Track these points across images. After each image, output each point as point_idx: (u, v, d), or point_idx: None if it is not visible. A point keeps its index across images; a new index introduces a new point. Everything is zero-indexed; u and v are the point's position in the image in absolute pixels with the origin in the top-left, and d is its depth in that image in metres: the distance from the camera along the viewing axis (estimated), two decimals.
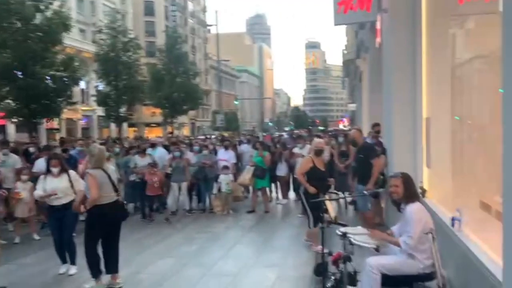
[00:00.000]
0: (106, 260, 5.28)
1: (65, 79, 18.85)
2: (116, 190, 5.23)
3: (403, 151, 6.93)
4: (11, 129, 25.02)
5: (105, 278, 5.26)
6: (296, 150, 9.94)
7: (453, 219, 4.48)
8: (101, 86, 30.07)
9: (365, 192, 5.11)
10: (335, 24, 7.84)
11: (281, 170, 10.51)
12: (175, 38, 38.04)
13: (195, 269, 5.89)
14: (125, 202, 5.87)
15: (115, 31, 29.40)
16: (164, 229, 8.45)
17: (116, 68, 28.50)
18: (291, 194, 11.21)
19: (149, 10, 52.70)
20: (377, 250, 4.14)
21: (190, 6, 62.30)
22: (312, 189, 6.23)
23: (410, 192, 4.14)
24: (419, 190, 5.89)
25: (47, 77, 17.90)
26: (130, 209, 9.37)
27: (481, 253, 3.70)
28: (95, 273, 5.16)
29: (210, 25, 61.80)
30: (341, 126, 66.53)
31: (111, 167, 5.66)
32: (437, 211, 5.41)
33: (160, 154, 10.24)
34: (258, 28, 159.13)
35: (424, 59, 6.65)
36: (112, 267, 5.30)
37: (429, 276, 4.02)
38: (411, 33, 6.94)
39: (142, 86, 30.67)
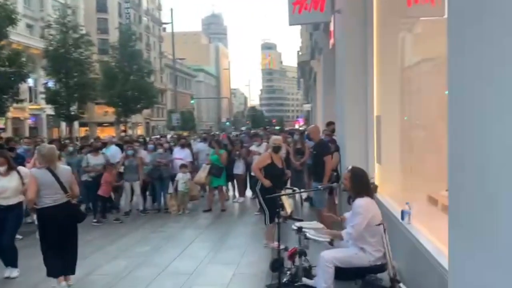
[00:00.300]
0: (62, 261, 5.05)
1: (11, 75, 17.91)
2: (66, 191, 5.01)
3: (355, 148, 7.13)
4: None
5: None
6: (253, 148, 9.99)
7: (402, 212, 4.65)
8: (51, 84, 28.81)
9: (319, 187, 5.21)
10: (290, 24, 7.94)
11: (239, 168, 10.52)
12: (129, 35, 37.12)
13: (149, 269, 5.78)
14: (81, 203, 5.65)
15: (65, 26, 28.28)
16: (117, 230, 8.22)
17: (66, 65, 27.41)
18: (248, 192, 11.25)
19: (102, 7, 51.10)
20: (331, 243, 4.25)
21: (145, 3, 60.99)
22: (267, 182, 6.31)
23: (357, 186, 4.28)
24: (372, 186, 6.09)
25: None
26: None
27: (429, 244, 3.86)
28: (54, 273, 4.96)
29: (166, 23, 60.79)
30: (296, 127, 67.50)
31: (65, 167, 5.44)
32: (387, 205, 5.61)
33: (112, 152, 9.96)
34: (214, 28, 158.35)
35: (375, 59, 6.88)
36: (68, 269, 5.09)
37: (380, 268, 4.16)
38: (363, 35, 7.15)
39: (94, 84, 29.69)
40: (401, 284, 2.99)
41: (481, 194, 2.04)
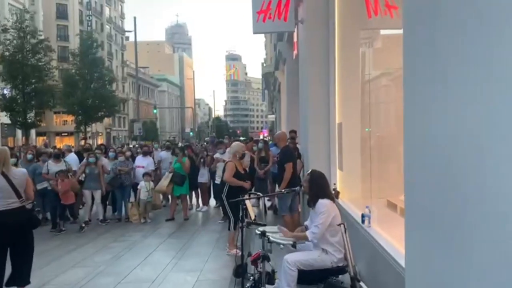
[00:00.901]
0: (14, 271, 4.78)
1: None
2: (19, 197, 4.77)
3: (318, 155, 7.25)
4: None
5: None
6: (217, 155, 9.95)
7: (363, 216, 4.77)
8: (6, 90, 27.67)
9: (283, 190, 5.27)
10: (254, 32, 8.02)
11: (203, 176, 10.43)
12: (90, 42, 36.32)
13: (109, 278, 5.61)
14: (37, 209, 5.36)
15: (23, 31, 27.35)
16: (75, 239, 7.95)
17: (23, 70, 26.45)
18: (212, 202, 11.18)
19: (62, 14, 49.90)
20: (293, 246, 4.28)
21: (107, 11, 60.02)
22: (248, 184, 6.54)
23: (316, 189, 4.36)
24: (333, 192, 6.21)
25: None
26: None
27: (388, 245, 3.98)
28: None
29: (129, 31, 60.01)
30: (261, 137, 67.81)
31: (20, 169, 5.21)
32: (349, 210, 5.74)
33: (70, 160, 9.68)
34: (178, 38, 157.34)
35: (337, 68, 7.07)
36: (21, 280, 4.80)
37: (342, 270, 4.24)
38: (326, 44, 7.34)
39: (53, 91, 28.76)
40: (361, 283, 3.06)
41: (434, 192, 2.14)
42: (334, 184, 6.75)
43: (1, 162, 4.69)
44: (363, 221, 4.76)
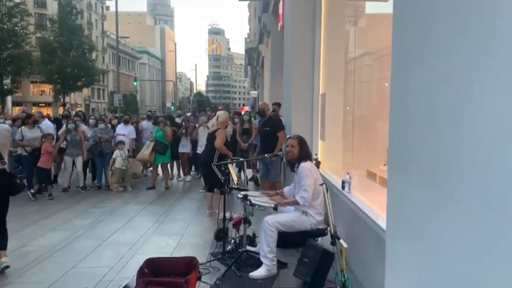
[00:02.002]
0: None
1: None
2: (1, 158, 4.52)
3: (301, 126, 7.30)
4: None
5: None
6: (202, 118, 9.88)
7: (343, 182, 4.86)
8: None
9: (266, 155, 5.31)
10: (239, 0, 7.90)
11: (185, 146, 10.37)
12: (69, 8, 35.10)
13: (89, 241, 5.61)
14: (21, 175, 5.17)
15: None
16: (54, 204, 7.88)
17: None
18: (193, 172, 11.20)
19: None
20: (275, 209, 4.35)
21: None
22: (230, 154, 6.61)
23: (304, 152, 4.44)
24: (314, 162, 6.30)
25: None
26: None
27: (368, 209, 4.08)
28: None
29: (109, 0, 58.15)
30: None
31: (5, 126, 5.01)
32: (329, 178, 5.83)
33: (46, 127, 9.50)
34: (160, 9, 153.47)
35: (322, 38, 7.05)
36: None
37: (321, 232, 4.34)
38: (312, 14, 7.29)
39: (30, 57, 27.86)
40: (341, 241, 3.14)
41: (419, 150, 2.19)
42: (316, 154, 6.82)
43: None
44: (343, 187, 4.85)
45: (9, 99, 30.80)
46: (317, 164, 6.54)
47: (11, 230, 4.80)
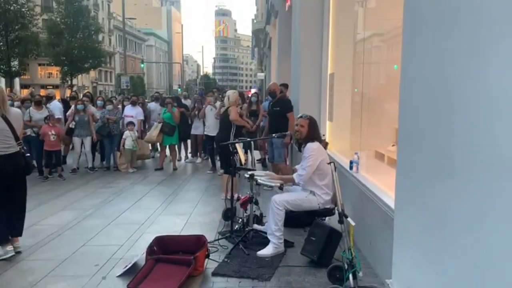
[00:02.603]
0: (9, 221, 4.55)
1: None
2: (17, 139, 4.46)
3: (309, 106, 7.26)
4: None
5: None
6: (210, 99, 9.83)
7: (351, 162, 4.85)
8: None
9: (274, 135, 5.30)
10: None
11: (198, 128, 10.28)
12: None
13: (98, 220, 5.68)
14: (28, 155, 5.17)
15: None
16: (64, 185, 7.97)
17: (5, 17, 25.46)
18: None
19: None
20: (281, 188, 4.36)
21: None
22: (251, 124, 6.80)
23: (313, 133, 4.40)
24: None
25: None
26: None
27: (376, 188, 4.07)
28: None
29: None
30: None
31: (16, 110, 4.89)
32: (337, 159, 5.81)
33: (54, 107, 9.55)
34: None
35: (331, 19, 6.95)
36: (15, 229, 4.61)
37: (329, 212, 4.35)
38: None
39: (37, 39, 27.84)
40: (349, 219, 3.15)
41: (428, 130, 2.17)
42: (324, 135, 6.79)
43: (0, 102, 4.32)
44: (351, 167, 4.84)
45: (17, 81, 30.87)
46: (325, 146, 6.53)
47: None
